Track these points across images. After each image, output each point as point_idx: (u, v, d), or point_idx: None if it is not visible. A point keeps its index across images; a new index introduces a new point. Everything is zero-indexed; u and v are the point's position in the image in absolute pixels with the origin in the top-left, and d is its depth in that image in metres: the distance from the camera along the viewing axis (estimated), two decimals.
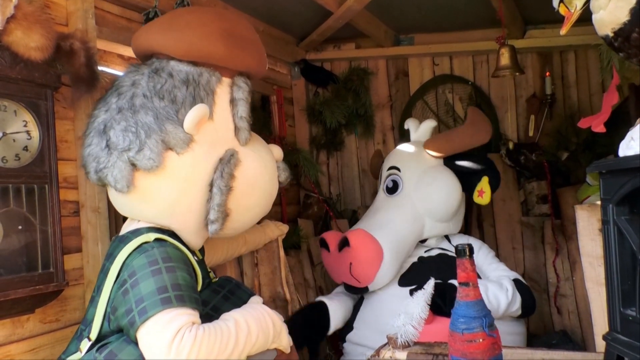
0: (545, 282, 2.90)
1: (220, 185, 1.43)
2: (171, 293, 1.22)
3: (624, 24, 1.06)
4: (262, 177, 1.55)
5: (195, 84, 1.46)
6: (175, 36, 1.49)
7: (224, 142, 1.51)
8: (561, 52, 3.11)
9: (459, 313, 1.06)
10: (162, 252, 1.33)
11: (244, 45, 1.54)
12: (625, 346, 1.00)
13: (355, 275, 2.22)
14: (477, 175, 2.41)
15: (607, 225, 1.07)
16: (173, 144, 1.40)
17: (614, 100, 1.34)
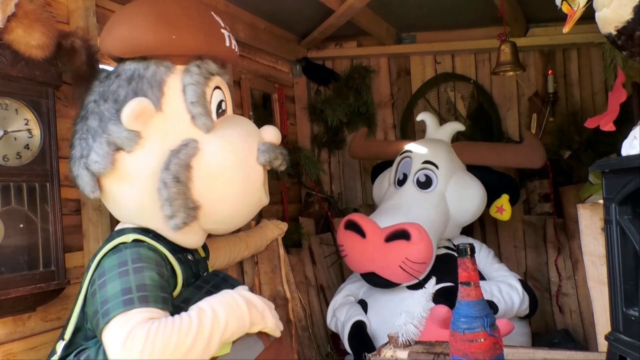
0: (547, 281, 2.89)
1: (165, 179, 1.34)
2: (134, 294, 1.20)
3: (627, 22, 1.05)
4: (227, 163, 1.42)
5: (139, 78, 1.41)
6: (111, 35, 1.46)
7: (180, 133, 1.41)
8: (564, 51, 3.10)
9: (460, 313, 1.05)
10: (133, 252, 1.31)
11: (180, 26, 1.41)
12: (627, 346, 1.00)
13: (410, 269, 2.16)
14: (498, 190, 2.43)
15: (610, 224, 1.07)
16: (119, 143, 1.36)
17: (622, 98, 1.33)
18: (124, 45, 1.42)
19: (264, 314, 1.37)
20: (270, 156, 1.50)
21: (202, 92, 1.42)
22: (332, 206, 3.24)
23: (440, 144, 2.56)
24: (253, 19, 2.79)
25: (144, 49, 1.42)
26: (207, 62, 1.47)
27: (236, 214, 1.53)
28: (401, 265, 2.16)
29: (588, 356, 1.46)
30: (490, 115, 3.17)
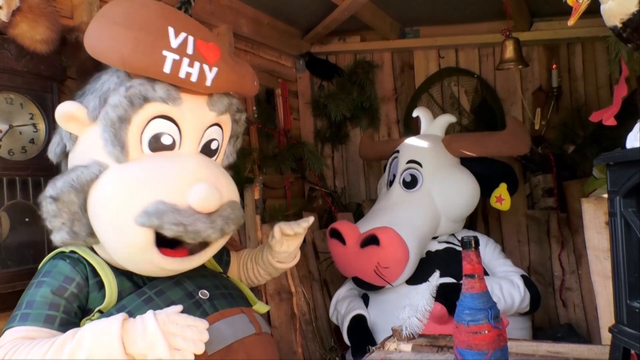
0: (550, 275, 2.89)
1: (46, 193, 1.26)
2: (20, 311, 1.22)
3: (632, 14, 1.05)
4: (104, 208, 1.23)
5: (95, 80, 1.34)
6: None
7: (95, 151, 1.27)
8: (568, 45, 3.08)
9: (465, 305, 1.06)
10: (51, 266, 1.30)
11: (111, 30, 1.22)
12: (631, 338, 1.00)
13: (383, 274, 2.17)
14: (495, 180, 2.38)
15: (614, 217, 1.06)
16: (63, 136, 1.35)
17: (623, 92, 1.33)
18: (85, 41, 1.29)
19: (154, 342, 1.09)
20: (153, 222, 1.18)
21: (117, 118, 1.23)
22: (336, 201, 3.25)
23: (427, 140, 2.52)
24: (256, 14, 2.79)
25: (86, 46, 1.27)
26: (149, 83, 1.25)
27: (125, 262, 1.31)
28: (374, 270, 2.18)
29: (592, 349, 1.46)
30: (494, 109, 3.16)
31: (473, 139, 2.46)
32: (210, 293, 1.39)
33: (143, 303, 1.28)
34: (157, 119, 1.28)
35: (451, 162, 2.43)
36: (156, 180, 1.23)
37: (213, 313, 1.33)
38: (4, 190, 1.48)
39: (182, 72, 1.25)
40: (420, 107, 2.77)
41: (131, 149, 1.27)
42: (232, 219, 1.30)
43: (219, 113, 1.38)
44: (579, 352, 1.44)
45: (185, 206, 1.21)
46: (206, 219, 1.23)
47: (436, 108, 3.27)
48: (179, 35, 1.26)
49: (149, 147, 1.29)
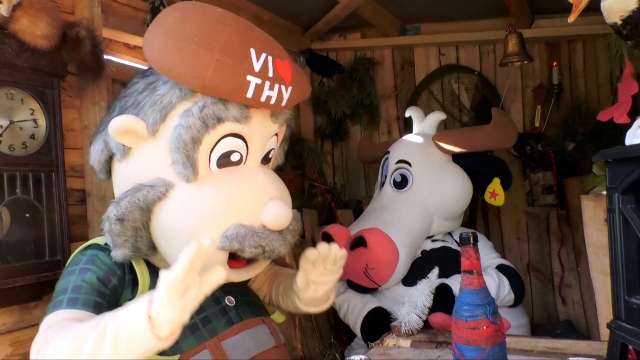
0: (550, 272, 2.90)
1: (110, 213, 1.20)
2: (66, 295, 1.16)
3: (632, 11, 1.05)
4: (178, 230, 1.19)
5: (151, 91, 1.25)
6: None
7: (159, 169, 1.22)
8: (569, 42, 3.08)
9: (463, 300, 1.06)
10: (92, 255, 1.25)
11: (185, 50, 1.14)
12: (629, 334, 1.00)
13: (371, 276, 2.16)
14: (488, 175, 2.34)
15: (613, 214, 1.07)
16: (111, 146, 1.27)
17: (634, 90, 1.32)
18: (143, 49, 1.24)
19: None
20: (234, 246, 1.17)
21: (190, 139, 1.18)
22: (336, 198, 3.25)
23: (417, 139, 2.49)
24: (257, 10, 2.79)
25: (150, 61, 1.22)
26: (222, 102, 1.19)
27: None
28: (364, 272, 2.16)
29: (590, 345, 1.47)
30: (494, 106, 3.16)
31: (459, 135, 2.43)
32: (236, 300, 1.37)
33: None
34: (227, 137, 1.23)
35: (441, 160, 2.39)
36: (233, 202, 1.21)
37: (238, 322, 1.31)
38: (4, 185, 1.48)
39: (263, 96, 1.20)
40: (412, 106, 2.73)
41: (200, 168, 1.22)
42: (297, 231, 1.31)
43: (280, 125, 1.35)
44: (577, 348, 1.45)
45: (259, 226, 1.21)
46: (279, 237, 1.23)
47: (436, 105, 3.27)
48: (260, 57, 1.19)
49: (216, 164, 1.25)
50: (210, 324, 1.28)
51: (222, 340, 1.26)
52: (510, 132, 2.32)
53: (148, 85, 1.27)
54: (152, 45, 1.18)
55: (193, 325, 1.25)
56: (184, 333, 1.17)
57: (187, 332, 1.22)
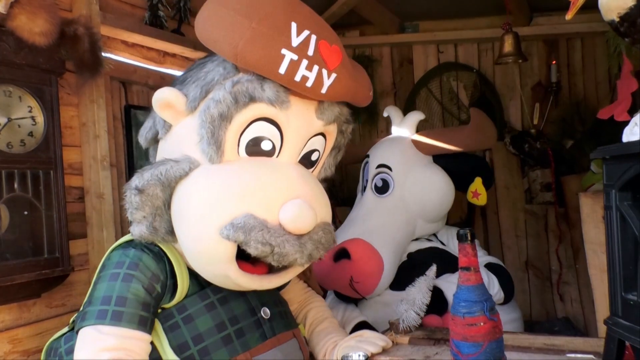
0: (548, 269, 2.91)
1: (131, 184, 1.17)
2: (111, 307, 1.12)
3: (630, 8, 1.05)
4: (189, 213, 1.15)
5: (199, 67, 1.24)
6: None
7: (187, 147, 1.19)
8: (567, 40, 3.08)
9: (460, 297, 1.06)
10: (135, 257, 1.19)
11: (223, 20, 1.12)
12: (626, 330, 1.00)
13: (357, 288, 2.12)
14: (469, 175, 2.30)
15: (610, 210, 1.07)
16: (156, 122, 1.25)
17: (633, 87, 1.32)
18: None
19: None
20: (239, 237, 1.08)
21: (218, 114, 1.13)
22: (334, 195, 3.25)
23: (396, 142, 2.43)
24: None
25: (196, 31, 1.18)
26: (258, 81, 1.13)
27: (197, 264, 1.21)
28: (349, 284, 2.11)
29: (588, 342, 1.47)
30: (493, 104, 3.16)
31: (438, 136, 2.37)
32: (271, 312, 1.32)
33: (205, 309, 1.21)
34: (260, 121, 1.16)
35: (422, 162, 2.34)
36: (249, 190, 1.12)
37: (271, 337, 1.27)
38: (2, 183, 1.48)
39: (298, 75, 1.11)
40: (390, 106, 2.65)
41: (227, 150, 1.16)
42: (322, 244, 1.19)
43: (326, 122, 1.25)
44: (574, 345, 1.45)
45: (275, 223, 1.11)
46: (296, 241, 1.12)
47: (435, 103, 3.27)
48: (301, 33, 1.11)
49: (245, 150, 1.18)
50: (244, 336, 1.22)
51: (255, 355, 1.22)
52: (489, 133, 2.28)
53: (200, 63, 1.25)
54: (200, 14, 1.16)
55: (227, 336, 1.20)
56: (216, 344, 1.17)
57: (220, 343, 1.18)
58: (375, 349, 1.38)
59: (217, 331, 1.19)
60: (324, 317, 1.57)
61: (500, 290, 2.16)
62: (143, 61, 2.14)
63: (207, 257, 1.15)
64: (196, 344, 1.17)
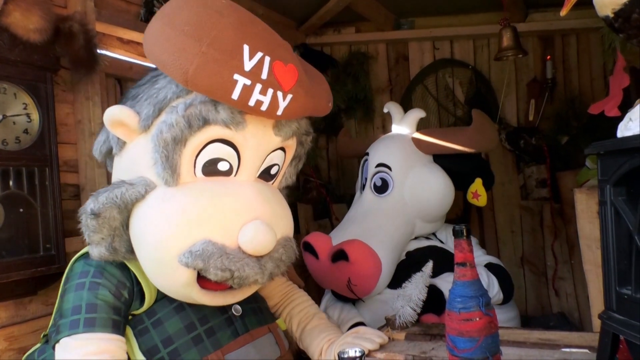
0: (543, 265, 2.93)
1: (86, 207, 1.17)
2: (82, 315, 1.13)
3: (624, 4, 1.05)
4: (147, 237, 1.14)
5: (150, 84, 1.21)
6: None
7: (143, 168, 1.17)
8: (563, 36, 3.09)
9: (456, 293, 1.07)
10: (99, 266, 1.20)
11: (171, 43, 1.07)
12: (620, 324, 1.01)
13: (354, 290, 2.12)
14: (470, 175, 2.30)
15: (605, 205, 1.08)
16: (110, 138, 1.25)
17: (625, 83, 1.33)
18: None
19: None
20: (198, 264, 1.09)
21: (171, 139, 1.11)
22: (330, 192, 3.25)
23: (396, 141, 2.41)
24: (251, 5, 2.78)
25: (144, 48, 1.15)
26: (212, 103, 1.12)
27: (162, 289, 1.23)
28: (347, 285, 2.11)
29: (582, 336, 1.48)
30: (489, 100, 3.17)
31: (439, 136, 2.36)
32: (243, 308, 1.32)
33: (174, 311, 1.23)
34: (216, 142, 1.15)
35: (422, 162, 2.33)
36: (206, 215, 1.12)
37: (243, 334, 1.28)
38: None
39: (252, 100, 1.08)
40: (391, 102, 2.64)
41: (183, 172, 1.15)
42: (283, 261, 1.21)
43: (285, 138, 1.25)
44: (569, 340, 1.46)
45: (234, 247, 1.12)
46: (255, 264, 1.14)
47: (431, 99, 3.27)
48: (254, 56, 1.08)
49: (202, 170, 1.17)
50: (215, 335, 1.23)
51: (226, 353, 1.22)
52: (490, 137, 2.28)
53: (152, 77, 1.22)
54: (147, 31, 1.13)
55: (197, 336, 1.21)
56: (186, 345, 1.18)
57: (190, 343, 1.19)
58: (372, 345, 1.39)
59: (186, 332, 1.20)
60: (312, 313, 1.58)
61: (500, 291, 2.17)
62: (138, 58, 2.13)
63: (168, 281, 1.16)
64: (166, 346, 1.18)
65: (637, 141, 0.97)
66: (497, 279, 2.17)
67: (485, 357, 1.03)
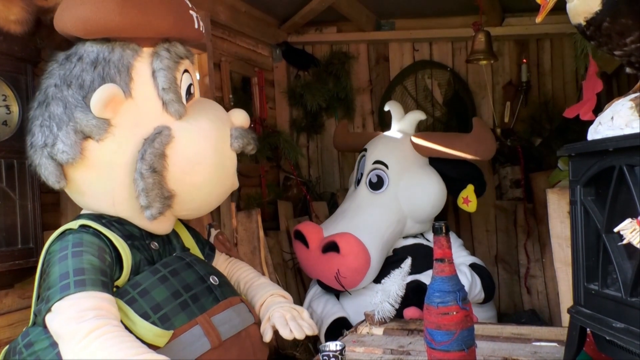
0: (516, 263, 3.00)
1: (141, 169, 1.29)
2: (71, 279, 1.18)
3: (595, 13, 1.10)
4: (204, 150, 1.38)
5: (104, 62, 1.33)
6: (72, 15, 1.35)
7: (152, 120, 1.35)
8: (537, 40, 3.18)
9: (435, 287, 1.11)
10: (76, 237, 1.28)
11: (147, 7, 1.34)
12: (587, 318, 1.06)
13: (342, 282, 2.17)
14: (463, 181, 2.37)
15: (575, 205, 1.13)
16: (88, 131, 1.29)
17: (598, 88, 1.39)
18: (86, 25, 1.32)
19: None
20: (244, 142, 1.47)
21: (173, 77, 1.36)
22: (310, 190, 3.28)
23: (395, 140, 2.48)
24: (233, 2, 2.77)
25: (109, 30, 1.32)
26: (175, 45, 1.41)
27: (209, 200, 1.50)
28: (335, 276, 2.17)
29: (552, 331, 1.55)
30: (466, 102, 3.24)
31: (438, 140, 2.43)
32: (219, 280, 1.44)
33: (158, 282, 1.32)
34: (185, 73, 1.43)
35: (419, 163, 2.41)
36: (219, 118, 1.47)
37: (223, 300, 1.39)
38: None
39: (201, 26, 1.48)
40: (392, 101, 2.74)
41: (184, 104, 1.40)
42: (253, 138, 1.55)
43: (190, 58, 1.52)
44: (540, 334, 1.52)
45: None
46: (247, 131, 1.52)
47: (410, 100, 3.32)
48: None
49: (185, 99, 1.42)
50: (199, 301, 1.34)
51: (212, 316, 1.33)
52: (489, 145, 2.33)
53: (94, 61, 1.34)
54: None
55: (183, 302, 1.31)
56: (174, 309, 1.29)
57: (178, 308, 1.29)
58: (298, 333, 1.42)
59: (173, 299, 1.30)
60: (257, 275, 1.70)
61: (482, 290, 2.25)
62: None
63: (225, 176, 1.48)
64: (156, 312, 1.26)
65: (606, 144, 1.02)
66: (480, 279, 2.24)
67: (462, 350, 1.07)
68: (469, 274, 2.23)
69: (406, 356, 1.40)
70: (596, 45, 1.18)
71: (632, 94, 1.11)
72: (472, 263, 2.34)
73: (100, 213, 1.40)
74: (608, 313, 1.02)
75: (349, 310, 2.31)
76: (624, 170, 0.97)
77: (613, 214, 1.01)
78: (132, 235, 1.39)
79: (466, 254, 2.45)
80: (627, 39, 1.09)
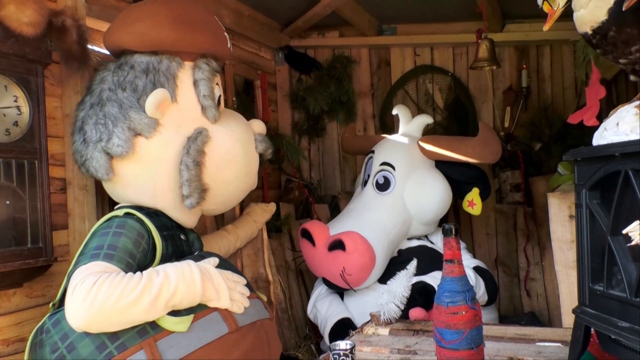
0: (516, 266, 3.03)
1: (187, 162, 1.51)
2: (103, 251, 1.33)
3: (602, 22, 1.13)
4: (235, 150, 1.63)
5: (155, 71, 1.56)
6: (129, 30, 1.59)
7: (192, 122, 1.59)
8: (537, 47, 3.22)
9: (444, 288, 1.13)
10: (121, 221, 1.44)
11: (195, 27, 1.60)
12: (592, 317, 1.09)
13: (347, 280, 2.20)
14: (468, 184, 2.40)
15: (580, 208, 1.16)
16: (140, 129, 1.50)
17: (601, 94, 1.41)
18: (142, 39, 1.56)
19: (219, 290, 1.37)
20: (266, 145, 1.77)
21: (211, 87, 1.60)
22: (312, 192, 3.30)
23: (403, 142, 2.52)
24: (237, 5, 2.80)
25: (162, 44, 1.56)
26: (211, 60, 1.64)
27: (235, 195, 1.72)
28: (340, 274, 2.20)
29: (555, 331, 1.57)
30: (467, 107, 3.27)
31: (445, 144, 2.47)
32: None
33: None
34: (216, 85, 1.66)
35: (425, 165, 2.44)
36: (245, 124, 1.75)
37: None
38: None
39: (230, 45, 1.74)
40: (400, 105, 2.78)
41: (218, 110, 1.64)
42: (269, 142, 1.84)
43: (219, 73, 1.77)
44: (543, 334, 1.55)
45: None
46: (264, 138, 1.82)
47: (411, 104, 3.35)
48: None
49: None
50: None
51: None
52: (494, 149, 2.36)
53: (145, 70, 1.56)
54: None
55: None
56: None
57: None
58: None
59: None
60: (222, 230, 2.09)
61: (486, 293, 2.28)
62: None
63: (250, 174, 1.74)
64: None
65: (612, 149, 1.05)
66: (484, 281, 2.28)
67: (471, 348, 1.09)
68: (474, 277, 2.26)
69: (413, 355, 1.42)
70: (601, 53, 1.21)
71: (637, 101, 1.13)
72: (476, 266, 2.37)
73: (140, 205, 1.56)
74: (613, 313, 1.04)
75: (353, 310, 2.33)
76: (629, 174, 1.00)
77: (618, 216, 1.04)
78: (165, 226, 1.55)
79: (469, 257, 2.48)
80: (632, 48, 1.12)
